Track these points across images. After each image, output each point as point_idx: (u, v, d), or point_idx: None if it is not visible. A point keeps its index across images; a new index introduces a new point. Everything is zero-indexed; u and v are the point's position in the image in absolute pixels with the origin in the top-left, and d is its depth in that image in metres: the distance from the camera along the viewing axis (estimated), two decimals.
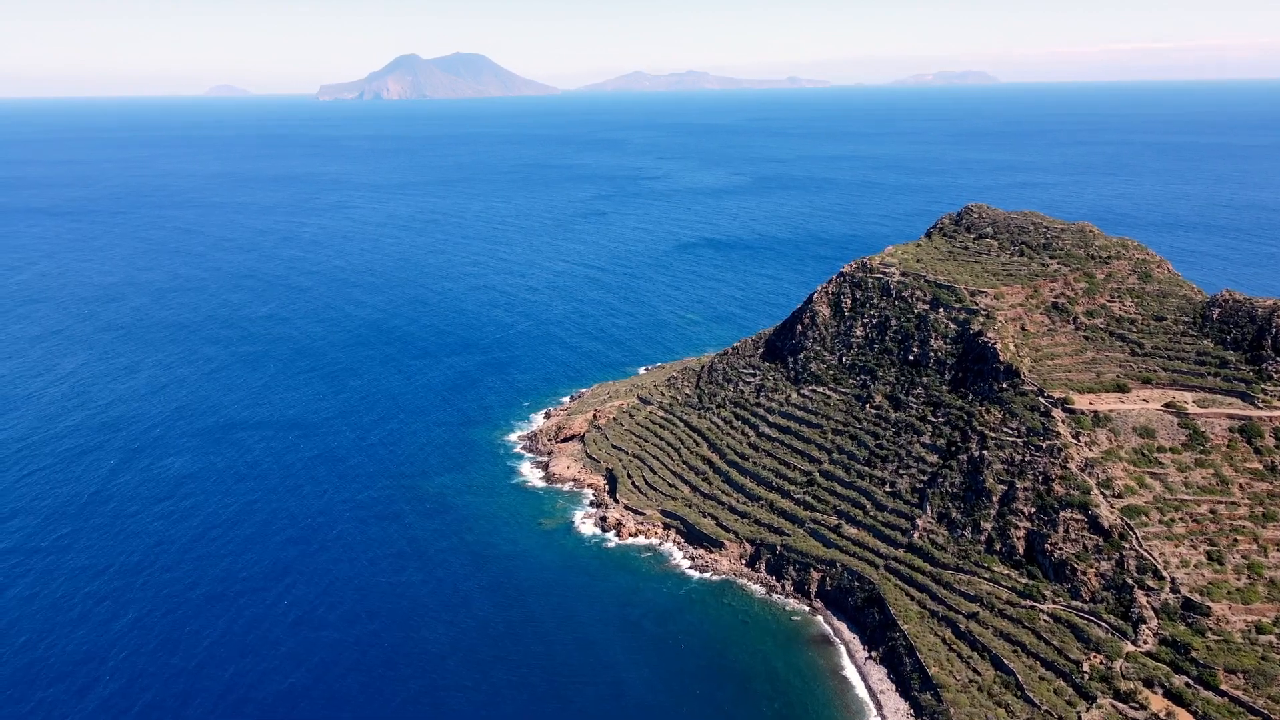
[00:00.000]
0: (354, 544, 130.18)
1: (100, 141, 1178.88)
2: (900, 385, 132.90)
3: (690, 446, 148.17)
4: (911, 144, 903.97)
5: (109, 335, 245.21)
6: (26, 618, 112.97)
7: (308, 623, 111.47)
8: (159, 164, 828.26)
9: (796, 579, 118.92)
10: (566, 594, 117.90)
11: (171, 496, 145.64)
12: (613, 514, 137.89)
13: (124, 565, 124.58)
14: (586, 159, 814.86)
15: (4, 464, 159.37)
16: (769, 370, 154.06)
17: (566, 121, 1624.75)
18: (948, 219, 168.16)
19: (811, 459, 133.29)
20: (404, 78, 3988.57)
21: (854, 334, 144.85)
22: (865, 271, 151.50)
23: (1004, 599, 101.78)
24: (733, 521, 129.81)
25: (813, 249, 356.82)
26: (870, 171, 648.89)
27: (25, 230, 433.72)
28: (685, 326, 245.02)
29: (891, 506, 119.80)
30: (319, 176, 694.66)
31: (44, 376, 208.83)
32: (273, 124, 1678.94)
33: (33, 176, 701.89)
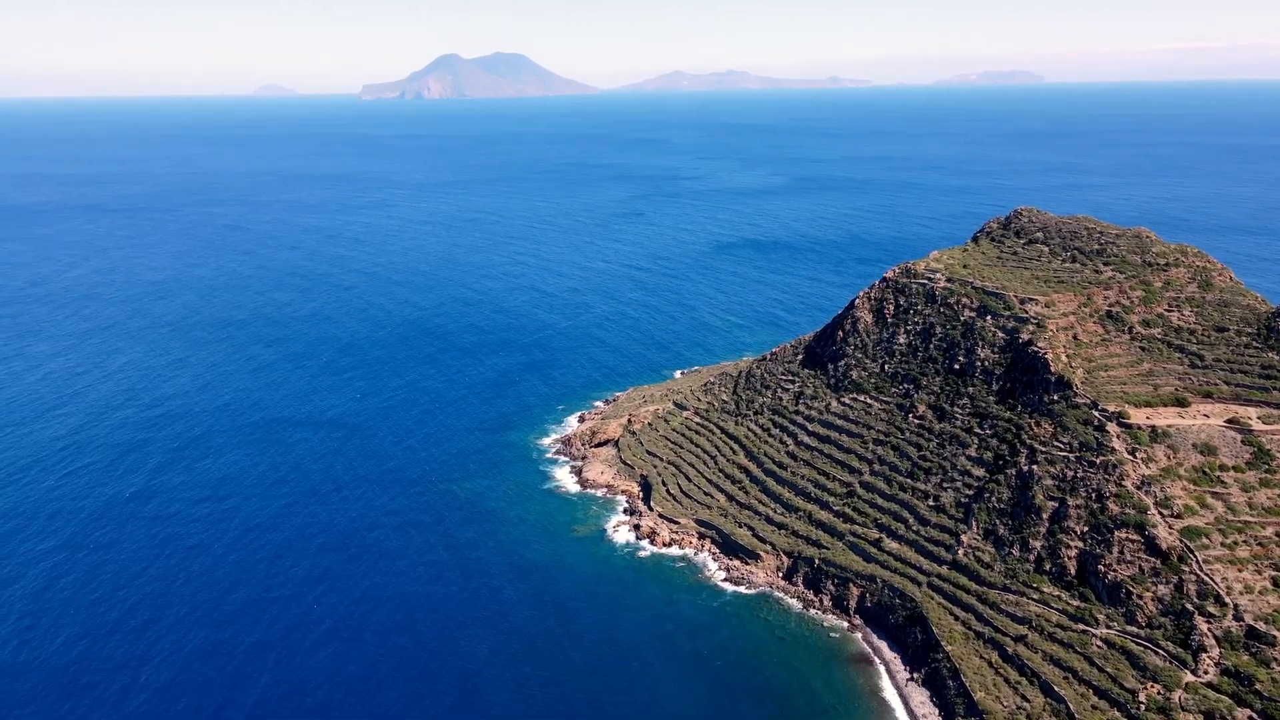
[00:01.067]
0: (388, 551, 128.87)
1: (151, 140, 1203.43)
2: (945, 395, 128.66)
3: (727, 454, 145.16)
4: (955, 144, 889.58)
5: (158, 331, 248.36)
6: (67, 617, 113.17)
7: (342, 632, 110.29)
8: (207, 162, 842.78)
9: (835, 594, 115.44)
10: (599, 605, 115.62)
11: (213, 497, 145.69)
12: (647, 522, 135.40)
13: (164, 568, 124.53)
14: (625, 159, 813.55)
15: (53, 459, 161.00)
16: (808, 377, 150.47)
17: (606, 121, 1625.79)
18: (995, 223, 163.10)
19: (851, 470, 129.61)
20: (445, 77, 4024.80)
21: (897, 341, 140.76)
22: (909, 277, 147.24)
23: (1054, 622, 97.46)
24: (769, 532, 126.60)
25: (854, 250, 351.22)
26: (912, 172, 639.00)
27: (79, 227, 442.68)
28: (723, 329, 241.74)
29: (935, 521, 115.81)
30: (362, 175, 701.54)
31: (94, 372, 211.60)
32: (317, 123, 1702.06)
33: (84, 174, 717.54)
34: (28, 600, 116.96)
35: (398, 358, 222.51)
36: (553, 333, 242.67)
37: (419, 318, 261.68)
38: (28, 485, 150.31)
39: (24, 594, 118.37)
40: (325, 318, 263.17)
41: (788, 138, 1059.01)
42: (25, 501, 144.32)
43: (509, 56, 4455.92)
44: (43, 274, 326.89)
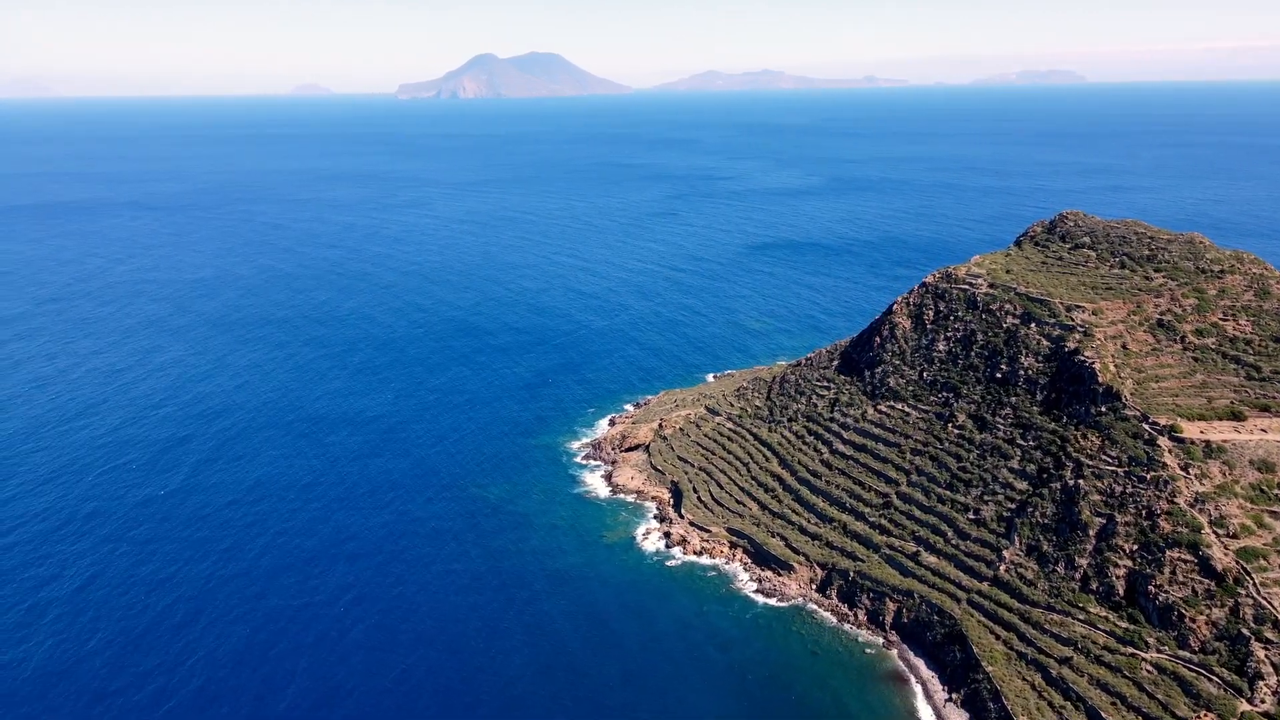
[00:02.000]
0: (420, 558, 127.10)
1: (191, 139, 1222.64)
2: (986, 405, 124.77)
3: (760, 461, 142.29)
4: (993, 145, 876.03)
5: (201, 328, 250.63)
6: (103, 618, 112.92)
7: (374, 640, 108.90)
8: (247, 161, 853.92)
9: (870, 608, 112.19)
10: (628, 615, 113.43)
11: (248, 499, 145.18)
12: (677, 530, 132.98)
13: (198, 570, 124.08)
14: (659, 158, 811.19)
15: (94, 456, 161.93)
16: (844, 384, 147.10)
17: (639, 120, 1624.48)
18: (1039, 227, 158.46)
19: (888, 480, 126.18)
20: (480, 77, 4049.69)
21: (936, 348, 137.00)
22: (949, 282, 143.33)
23: (1101, 644, 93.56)
24: (803, 543, 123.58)
25: (890, 252, 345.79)
26: (949, 173, 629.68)
27: (124, 224, 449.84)
28: (758, 331, 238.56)
29: (975, 535, 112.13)
30: (399, 174, 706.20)
31: (136, 369, 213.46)
32: (354, 123, 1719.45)
33: (126, 172, 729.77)
34: (66, 599, 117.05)
35: (435, 357, 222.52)
36: (587, 333, 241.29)
37: (456, 316, 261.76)
38: (68, 483, 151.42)
39: (63, 592, 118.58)
40: (364, 316, 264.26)
41: (823, 138, 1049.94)
42: (66, 499, 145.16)
43: (543, 56, 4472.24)
44: (89, 270, 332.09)
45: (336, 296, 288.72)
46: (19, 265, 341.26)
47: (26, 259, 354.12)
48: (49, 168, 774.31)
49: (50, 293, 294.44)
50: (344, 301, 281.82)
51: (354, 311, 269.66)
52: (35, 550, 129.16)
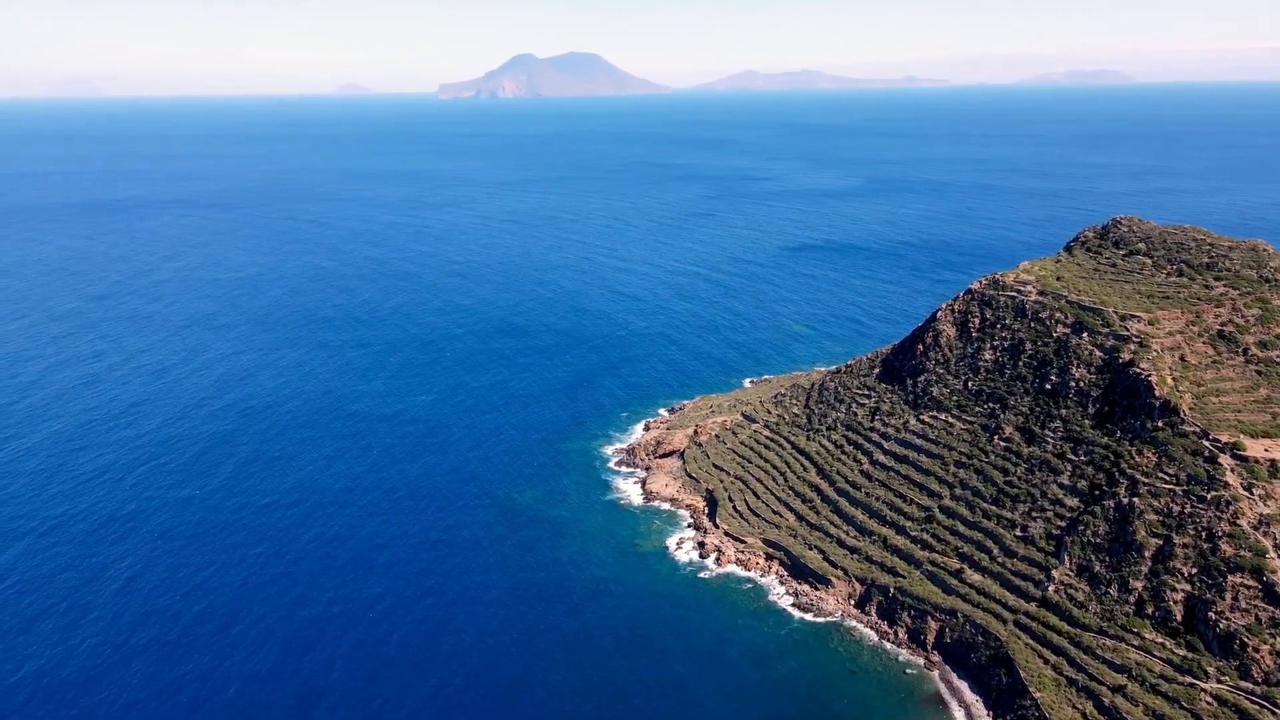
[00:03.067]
0: (454, 566, 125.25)
1: (236, 138, 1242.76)
2: (1034, 417, 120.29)
3: (797, 471, 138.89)
4: (1037, 146, 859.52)
5: (247, 326, 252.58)
6: (141, 623, 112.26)
7: (408, 651, 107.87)
8: (290, 160, 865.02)
9: (911, 627, 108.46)
10: (659, 627, 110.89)
11: (286, 503, 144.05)
12: (711, 540, 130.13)
13: (235, 577, 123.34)
14: (697, 158, 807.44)
15: (138, 455, 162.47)
16: (885, 392, 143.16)
17: (677, 120, 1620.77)
18: (1091, 232, 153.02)
19: (931, 493, 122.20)
20: (519, 76, 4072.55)
21: (982, 357, 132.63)
22: (997, 289, 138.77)
23: (1157, 672, 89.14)
24: (841, 557, 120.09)
25: (931, 254, 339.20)
26: (992, 175, 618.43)
27: (174, 221, 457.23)
28: (796, 335, 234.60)
29: (1023, 553, 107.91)
30: (441, 173, 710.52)
31: (182, 367, 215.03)
32: (394, 122, 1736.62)
33: (173, 170, 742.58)
34: (107, 601, 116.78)
35: (476, 357, 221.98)
36: (625, 334, 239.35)
37: (497, 316, 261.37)
38: (110, 482, 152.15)
39: (104, 594, 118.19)
40: (406, 315, 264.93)
41: (862, 138, 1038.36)
42: (108, 499, 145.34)
43: (582, 56, 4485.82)
44: (138, 267, 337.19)
45: (379, 295, 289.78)
46: (72, 261, 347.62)
47: (79, 255, 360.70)
48: (98, 166, 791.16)
49: (101, 289, 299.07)
50: (386, 300, 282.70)
51: (396, 310, 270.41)
52: (77, 550, 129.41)
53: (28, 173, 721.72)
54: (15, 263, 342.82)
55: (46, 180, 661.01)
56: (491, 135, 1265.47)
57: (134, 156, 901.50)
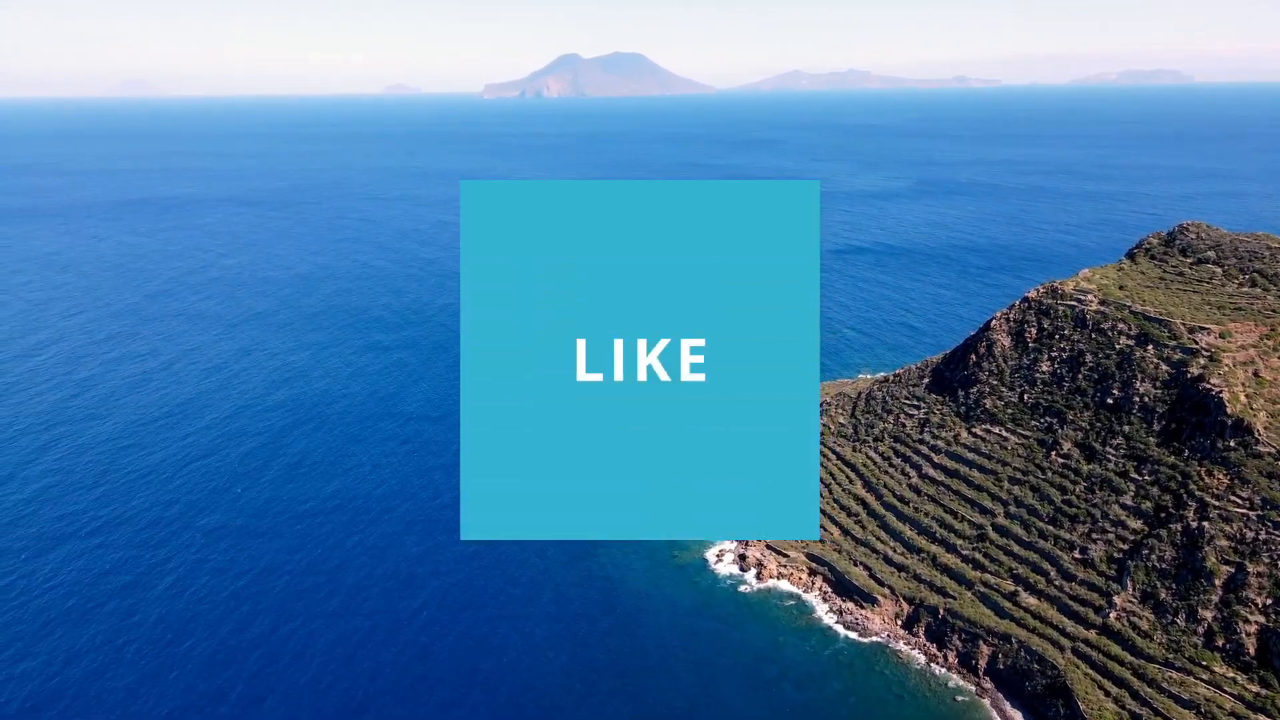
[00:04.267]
0: (492, 577, 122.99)
1: (288, 137, 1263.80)
2: (1095, 433, 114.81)
3: (842, 483, 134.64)
4: (1092, 148, 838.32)
5: (300, 324, 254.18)
6: (185, 630, 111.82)
7: (446, 665, 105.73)
8: (339, 158, 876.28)
9: (962, 650, 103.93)
10: (697, 642, 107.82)
11: (334, 509, 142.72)
12: (753, 552, 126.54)
13: (278, 583, 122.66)
14: (742, 159, 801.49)
15: (186, 454, 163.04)
16: (935, 403, 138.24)
17: (722, 120, 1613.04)
18: (1156, 239, 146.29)
19: (983, 510, 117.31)
20: (564, 76, 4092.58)
21: (1039, 369, 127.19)
22: (1055, 298, 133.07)
23: (1228, 709, 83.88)
24: (888, 574, 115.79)
25: (981, 258, 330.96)
26: (1044, 177, 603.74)
27: (228, 218, 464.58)
28: (841, 341, 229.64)
29: (1082, 577, 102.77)
30: (488, 172, 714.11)
31: (233, 365, 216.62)
32: (441, 122, 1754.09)
33: (227, 169, 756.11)
34: (151, 605, 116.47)
35: None
36: None
37: None
38: (159, 482, 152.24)
39: (150, 597, 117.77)
40: (455, 314, 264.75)
41: (910, 139, 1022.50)
42: (156, 500, 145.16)
43: (627, 56, 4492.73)
44: (194, 264, 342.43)
45: (429, 294, 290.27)
46: (130, 258, 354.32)
47: (137, 252, 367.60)
48: (155, 164, 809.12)
49: (158, 286, 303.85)
50: (435, 299, 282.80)
51: (445, 309, 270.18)
52: (120, 554, 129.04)
53: (89, 170, 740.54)
54: (76, 259, 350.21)
55: (106, 178, 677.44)
56: (537, 135, 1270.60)
57: (189, 155, 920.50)
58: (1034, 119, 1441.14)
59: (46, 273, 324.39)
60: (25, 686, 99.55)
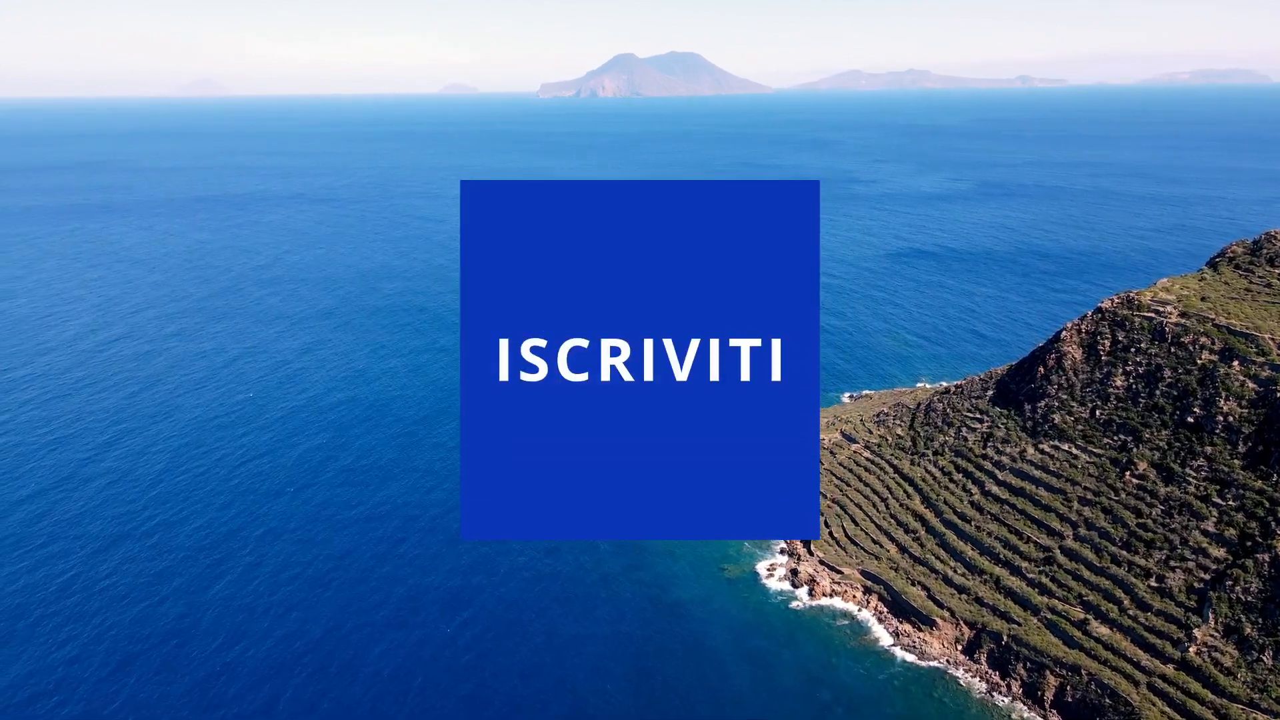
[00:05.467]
0: (534, 589, 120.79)
1: (351, 136, 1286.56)
2: (1174, 453, 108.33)
3: (900, 498, 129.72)
4: (1162, 149, 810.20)
5: (365, 322, 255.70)
6: (236, 635, 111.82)
7: (479, 671, 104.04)
8: (400, 156, 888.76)
9: (1027, 680, 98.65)
10: (748, 662, 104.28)
11: (380, 514, 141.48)
12: (805, 568, 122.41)
13: (327, 594, 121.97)
14: (798, 159, 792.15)
15: (251, 451, 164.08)
16: (999, 417, 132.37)
17: (778, 120, 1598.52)
18: (1240, 247, 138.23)
19: (1051, 531, 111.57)
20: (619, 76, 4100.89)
21: (1112, 383, 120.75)
22: (1131, 308, 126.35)
23: None
24: (948, 596, 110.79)
25: (1046, 263, 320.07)
26: (1113, 179, 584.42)
27: (294, 216, 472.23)
28: (898, 348, 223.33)
29: (1158, 607, 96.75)
30: (544, 170, 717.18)
31: (300, 360, 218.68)
32: (498, 120, 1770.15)
33: (292, 166, 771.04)
34: (210, 608, 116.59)
35: None
36: None
37: None
38: (217, 480, 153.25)
39: (209, 599, 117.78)
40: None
41: (971, 140, 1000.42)
42: (211, 504, 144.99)
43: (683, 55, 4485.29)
44: (263, 260, 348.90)
45: None
46: (203, 253, 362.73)
47: (207, 248, 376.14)
48: (223, 161, 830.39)
49: (226, 281, 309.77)
50: None
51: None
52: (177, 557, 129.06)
53: (162, 168, 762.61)
54: (149, 254, 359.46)
55: (177, 175, 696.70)
56: (593, 134, 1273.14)
57: (256, 153, 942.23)
58: (1101, 119, 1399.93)
59: (120, 267, 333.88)
60: (79, 690, 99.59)
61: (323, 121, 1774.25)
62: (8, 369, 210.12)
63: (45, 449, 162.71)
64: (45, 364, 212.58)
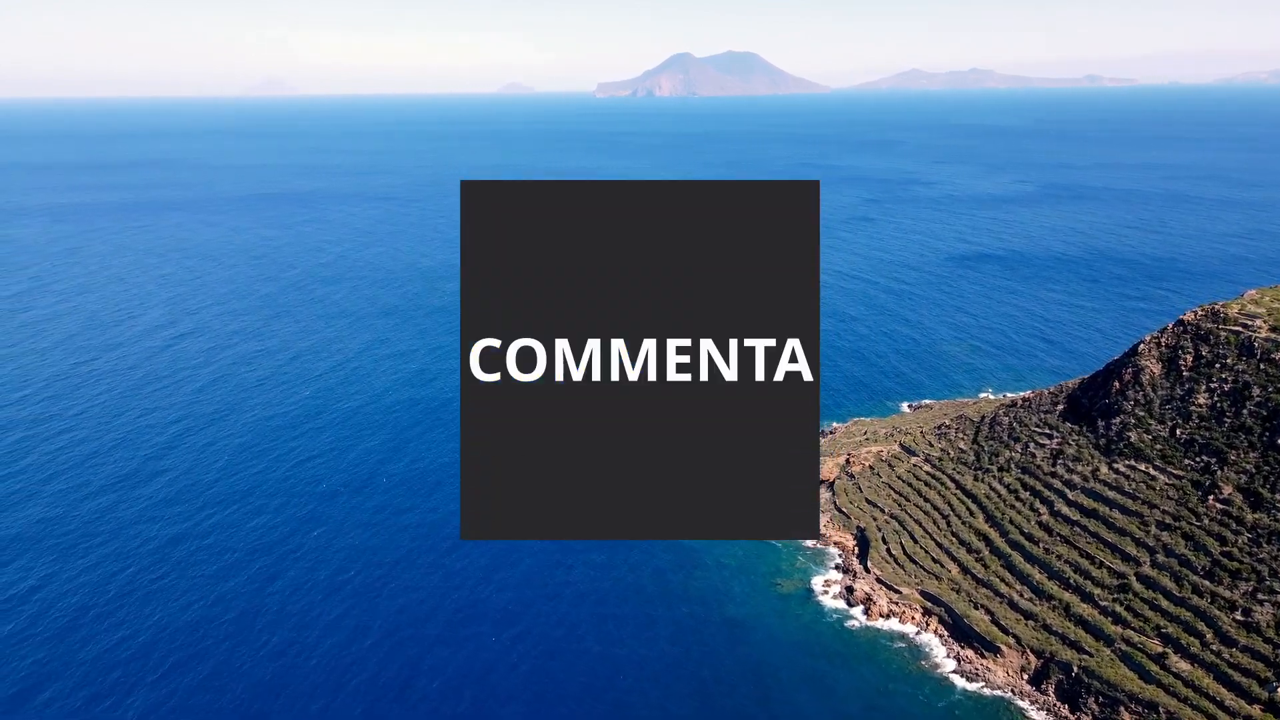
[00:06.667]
0: (581, 592, 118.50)
1: (411, 135, 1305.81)
2: (1263, 477, 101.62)
3: (962, 515, 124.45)
4: (1242, 151, 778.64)
5: (425, 320, 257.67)
6: (282, 620, 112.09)
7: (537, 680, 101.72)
8: (460, 155, 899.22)
9: (1099, 715, 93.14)
10: (799, 684, 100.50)
11: (436, 519, 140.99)
12: (861, 585, 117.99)
13: (368, 578, 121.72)
14: (855, 160, 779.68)
15: (313, 450, 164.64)
16: (1070, 433, 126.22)
17: (836, 121, 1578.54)
18: None
19: (1126, 557, 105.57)
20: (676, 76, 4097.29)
21: (1194, 401, 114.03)
22: (1216, 322, 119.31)
23: None
24: (1013, 621, 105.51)
25: (1118, 271, 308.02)
26: (1187, 182, 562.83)
27: (357, 213, 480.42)
28: (961, 357, 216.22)
29: (1244, 643, 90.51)
30: (602, 170, 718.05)
31: (362, 357, 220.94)
32: (555, 119, 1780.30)
33: (353, 165, 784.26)
34: (273, 610, 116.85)
35: None
36: None
37: None
38: (272, 486, 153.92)
39: (271, 605, 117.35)
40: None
41: (1036, 141, 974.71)
42: (266, 506, 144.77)
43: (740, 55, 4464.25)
44: (328, 257, 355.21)
45: None
46: (269, 250, 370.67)
47: (273, 244, 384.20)
48: (290, 159, 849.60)
49: (292, 278, 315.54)
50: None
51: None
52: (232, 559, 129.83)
53: (232, 165, 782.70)
54: (217, 250, 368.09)
55: (245, 172, 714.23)
56: (651, 134, 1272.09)
57: (321, 151, 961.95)
58: (1174, 120, 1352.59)
59: (190, 262, 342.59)
60: (138, 696, 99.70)
61: (383, 121, 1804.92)
62: (83, 361, 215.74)
63: (112, 446, 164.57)
64: (116, 359, 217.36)
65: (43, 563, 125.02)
